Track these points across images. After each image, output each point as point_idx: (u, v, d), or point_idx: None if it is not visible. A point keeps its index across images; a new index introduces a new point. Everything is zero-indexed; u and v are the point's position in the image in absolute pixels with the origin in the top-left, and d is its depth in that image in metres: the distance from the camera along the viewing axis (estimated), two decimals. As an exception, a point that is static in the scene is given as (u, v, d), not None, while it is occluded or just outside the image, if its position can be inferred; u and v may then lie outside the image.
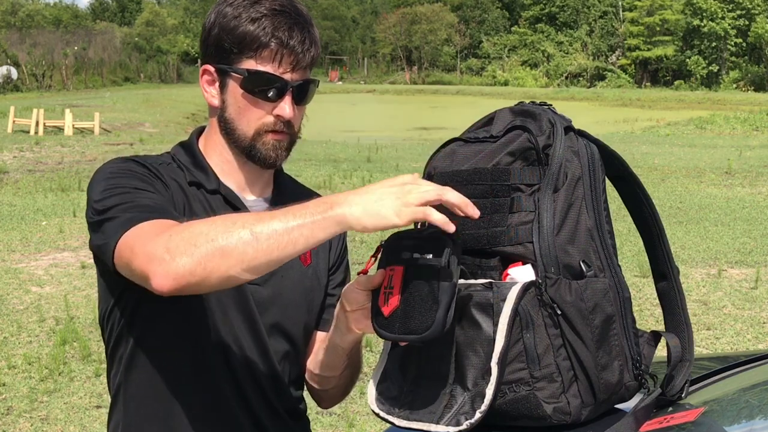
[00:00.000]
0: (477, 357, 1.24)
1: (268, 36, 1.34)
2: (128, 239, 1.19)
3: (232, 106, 1.39)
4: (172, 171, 1.42)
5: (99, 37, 52.68)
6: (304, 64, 1.38)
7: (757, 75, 48.82)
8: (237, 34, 1.35)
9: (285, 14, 1.35)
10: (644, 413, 1.30)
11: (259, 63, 1.35)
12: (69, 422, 4.16)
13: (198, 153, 1.47)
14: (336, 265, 1.59)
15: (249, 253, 1.11)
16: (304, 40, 1.36)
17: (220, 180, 1.44)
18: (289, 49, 1.35)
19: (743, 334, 5.54)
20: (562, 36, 56.78)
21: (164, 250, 1.12)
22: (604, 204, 1.34)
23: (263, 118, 1.38)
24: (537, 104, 1.39)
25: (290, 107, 1.38)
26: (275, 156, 1.41)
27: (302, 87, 1.39)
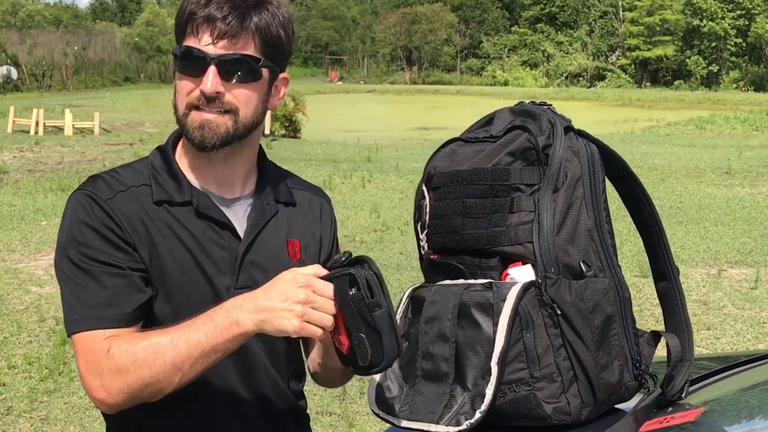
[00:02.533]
0: (477, 357, 1.24)
1: (191, 7, 1.32)
2: (76, 345, 1.31)
3: (175, 90, 1.38)
4: (137, 196, 1.38)
5: (99, 37, 52.67)
6: (222, 33, 1.31)
7: (757, 75, 48.81)
8: (177, 15, 1.36)
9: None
10: (644, 413, 1.30)
11: (187, 40, 1.34)
12: (69, 422, 4.16)
13: (172, 158, 1.43)
14: (330, 253, 1.57)
15: (175, 378, 1.26)
16: (222, 7, 1.30)
17: (194, 186, 1.41)
18: (205, 19, 1.31)
19: (743, 334, 5.54)
20: (562, 36, 56.76)
21: (99, 386, 1.27)
22: (604, 204, 1.34)
23: (190, 94, 1.34)
24: (537, 104, 1.39)
25: (213, 81, 1.31)
26: (201, 135, 1.34)
27: (230, 62, 1.32)
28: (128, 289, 1.32)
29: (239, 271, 1.40)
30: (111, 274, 1.32)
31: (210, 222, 1.39)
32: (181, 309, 1.35)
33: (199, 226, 1.39)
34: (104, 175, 1.41)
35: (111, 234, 1.33)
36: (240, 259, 1.40)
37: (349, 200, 10.64)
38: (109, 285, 1.32)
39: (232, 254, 1.40)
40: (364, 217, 9.56)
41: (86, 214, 1.35)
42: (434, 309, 1.31)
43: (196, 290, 1.37)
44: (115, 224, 1.34)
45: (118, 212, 1.35)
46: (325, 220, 1.56)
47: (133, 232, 1.35)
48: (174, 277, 1.37)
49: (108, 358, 1.26)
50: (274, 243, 1.45)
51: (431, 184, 1.41)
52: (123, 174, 1.41)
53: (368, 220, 9.36)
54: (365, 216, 9.60)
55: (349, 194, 11.14)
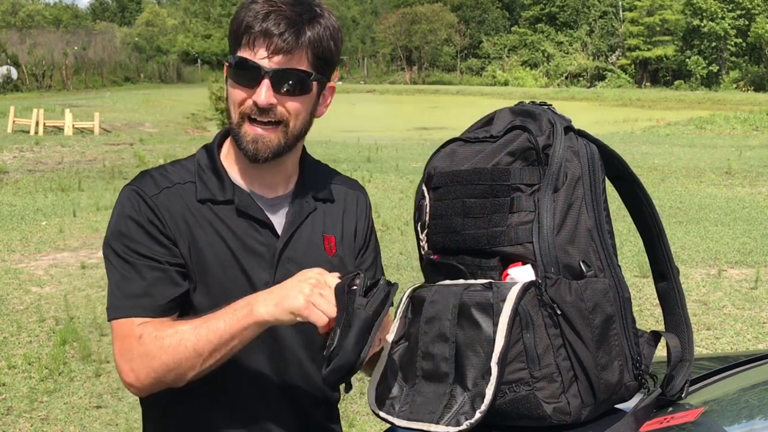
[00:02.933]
0: (477, 357, 1.24)
1: (249, 20, 1.36)
2: (113, 330, 1.41)
3: (228, 95, 1.43)
4: (182, 193, 1.45)
5: (99, 37, 52.66)
6: (279, 49, 1.35)
7: (757, 75, 48.80)
8: (232, 26, 1.40)
9: (275, 5, 1.36)
10: (644, 413, 1.30)
11: (243, 50, 1.38)
12: (69, 422, 4.16)
13: (216, 157, 1.50)
14: (363, 247, 1.62)
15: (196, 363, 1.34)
16: (279, 23, 1.35)
17: (236, 186, 1.47)
18: (262, 33, 1.35)
19: (743, 334, 5.54)
20: (562, 36, 56.76)
21: (129, 370, 1.36)
22: (604, 204, 1.34)
23: (243, 103, 1.40)
24: (537, 104, 1.39)
25: (266, 93, 1.36)
26: (254, 149, 1.41)
27: (283, 74, 1.37)
28: (164, 282, 1.40)
29: (277, 266, 1.46)
30: (150, 267, 1.40)
31: (250, 220, 1.46)
32: (219, 302, 1.41)
33: (240, 223, 1.46)
34: (153, 171, 1.49)
35: (153, 229, 1.41)
36: (278, 255, 1.47)
37: (349, 200, 10.63)
38: (147, 277, 1.40)
39: (270, 251, 1.47)
40: (364, 217, 9.56)
41: (132, 209, 1.43)
42: (434, 309, 1.31)
43: (234, 285, 1.43)
44: (158, 220, 1.42)
45: (162, 208, 1.43)
46: (360, 212, 1.63)
47: (175, 227, 1.43)
48: (213, 271, 1.44)
49: (139, 344, 1.35)
50: (311, 239, 1.52)
51: (431, 184, 1.41)
52: (170, 171, 1.49)
53: (368, 220, 9.35)
54: (365, 216, 9.59)
55: (349, 194, 11.13)
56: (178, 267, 1.42)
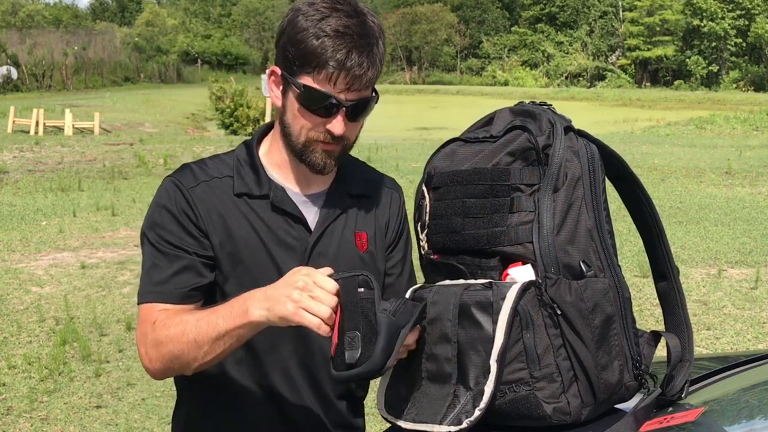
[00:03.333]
0: (478, 356, 1.24)
1: (327, 57, 1.37)
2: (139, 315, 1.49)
3: (289, 112, 1.46)
4: (219, 186, 1.51)
5: (99, 37, 52.65)
6: (360, 86, 1.41)
7: (757, 75, 48.80)
8: (300, 48, 1.39)
9: (348, 36, 1.38)
10: (644, 413, 1.30)
11: (316, 81, 1.40)
12: (69, 422, 4.16)
13: (255, 153, 1.55)
14: (394, 243, 1.65)
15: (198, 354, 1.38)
16: (363, 63, 1.38)
17: (272, 181, 1.52)
18: (345, 70, 1.38)
19: (743, 334, 5.54)
20: (562, 36, 56.76)
21: (144, 354, 1.44)
22: (604, 204, 1.34)
23: (315, 129, 1.44)
24: (537, 104, 1.39)
25: (341, 125, 1.43)
26: (323, 165, 1.47)
27: (357, 105, 1.43)
28: (189, 271, 1.46)
29: (308, 261, 1.50)
30: (177, 256, 1.46)
31: (284, 215, 1.51)
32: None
33: (274, 218, 1.51)
34: (192, 165, 1.54)
35: (186, 219, 1.47)
36: (309, 249, 1.51)
37: (349, 200, 10.64)
38: (174, 265, 1.46)
39: (303, 245, 1.51)
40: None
41: (168, 200, 1.49)
42: (435, 310, 1.31)
43: (265, 277, 1.45)
44: (192, 211, 1.48)
45: (198, 200, 1.48)
46: (393, 210, 1.66)
47: (209, 219, 1.48)
48: (246, 263, 1.49)
49: (152, 329, 1.42)
50: (344, 236, 1.55)
51: (431, 184, 1.41)
52: (210, 165, 1.54)
53: (368, 220, 9.36)
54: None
55: (349, 194, 11.13)
56: (206, 259, 1.47)
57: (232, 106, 19.97)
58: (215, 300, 1.48)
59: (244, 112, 19.82)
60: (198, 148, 16.19)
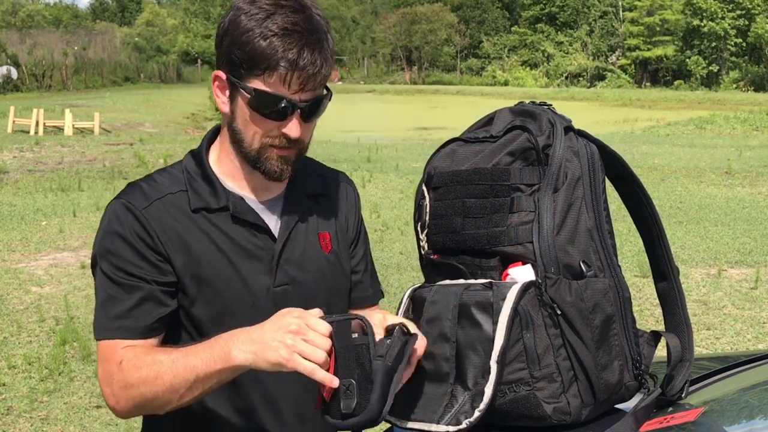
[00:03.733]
0: (477, 356, 1.24)
1: (278, 57, 1.30)
2: (98, 351, 1.40)
3: (240, 118, 1.38)
4: (174, 203, 1.41)
5: (99, 37, 52.63)
6: (315, 85, 1.34)
7: (757, 75, 48.80)
8: (247, 50, 1.32)
9: (296, 33, 1.31)
10: (644, 413, 1.30)
11: (268, 84, 1.32)
12: (69, 422, 4.16)
13: (206, 163, 1.46)
14: (355, 239, 1.61)
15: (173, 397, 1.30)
16: (316, 61, 1.32)
17: (229, 191, 1.44)
18: (299, 70, 1.31)
19: (743, 334, 5.54)
20: (562, 36, 56.75)
21: (110, 395, 1.35)
22: (604, 204, 1.34)
23: (269, 133, 1.37)
24: (537, 104, 1.39)
25: (298, 127, 1.36)
26: (279, 171, 1.40)
27: (312, 105, 1.37)
28: (150, 302, 1.37)
29: (276, 270, 1.44)
30: (136, 286, 1.37)
31: (247, 226, 1.43)
32: (219, 313, 1.40)
33: (236, 230, 1.42)
34: (141, 182, 1.44)
35: (141, 245, 1.37)
36: (276, 258, 1.44)
37: (349, 200, 10.64)
38: (132, 297, 1.37)
39: (269, 254, 1.44)
40: (364, 217, 9.56)
41: (119, 224, 1.39)
42: (435, 309, 1.31)
43: (234, 295, 1.41)
44: (148, 234, 1.38)
45: (153, 221, 1.38)
46: (350, 206, 1.61)
47: (167, 240, 1.38)
48: (212, 282, 1.40)
49: (119, 370, 1.33)
50: (307, 238, 1.49)
51: (431, 184, 1.41)
52: (159, 181, 1.44)
53: (368, 220, 9.37)
54: (365, 216, 9.58)
55: (349, 194, 11.13)
56: (166, 286, 1.38)
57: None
58: (181, 325, 1.41)
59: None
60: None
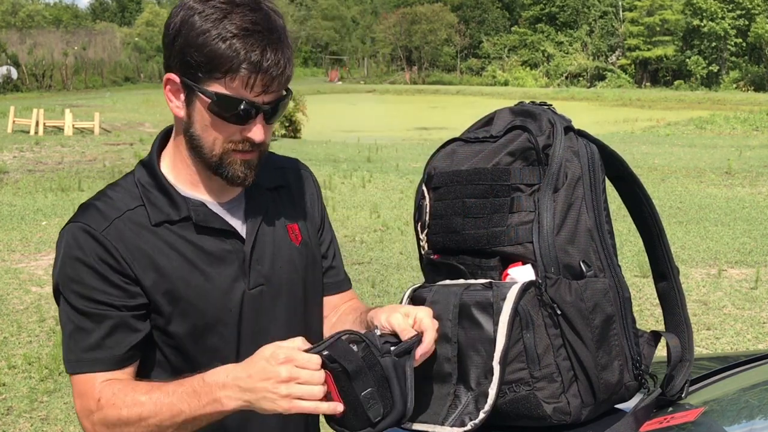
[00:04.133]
0: (479, 356, 1.24)
1: (240, 60, 1.23)
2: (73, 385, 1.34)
3: (198, 123, 1.31)
4: (134, 219, 1.34)
5: (99, 37, 52.62)
6: (278, 86, 1.29)
7: (757, 75, 48.79)
8: (204, 52, 1.24)
9: (257, 33, 1.24)
10: (644, 413, 1.30)
11: (229, 87, 1.26)
12: (69, 422, 4.16)
13: (159, 173, 1.38)
14: (321, 227, 1.57)
15: None
16: (279, 61, 1.26)
17: (187, 198, 1.37)
18: (262, 72, 1.25)
19: (743, 334, 5.54)
20: (562, 36, 56.74)
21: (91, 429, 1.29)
22: (604, 204, 1.34)
23: (231, 138, 1.31)
24: (537, 104, 1.39)
25: (261, 131, 1.30)
26: (243, 177, 1.34)
27: (275, 107, 1.31)
28: (121, 329, 1.31)
29: (249, 272, 1.39)
30: (104, 314, 1.31)
31: (212, 233, 1.37)
32: (197, 327, 1.36)
33: (202, 239, 1.36)
34: (96, 202, 1.36)
35: (106, 269, 1.30)
36: (248, 261, 1.39)
37: (349, 200, 10.64)
38: (102, 326, 1.31)
39: (240, 256, 1.38)
40: (364, 217, 9.56)
41: (79, 250, 1.31)
42: (435, 309, 1.31)
43: (210, 305, 1.36)
44: (111, 257, 1.30)
45: (115, 242, 1.31)
46: (311, 192, 1.55)
47: (132, 259, 1.31)
48: (185, 296, 1.34)
49: (98, 407, 1.28)
50: (276, 233, 1.44)
51: (431, 184, 1.41)
52: (114, 197, 1.36)
53: (368, 220, 9.36)
54: (365, 216, 9.60)
55: (349, 194, 11.14)
56: (137, 310, 1.32)
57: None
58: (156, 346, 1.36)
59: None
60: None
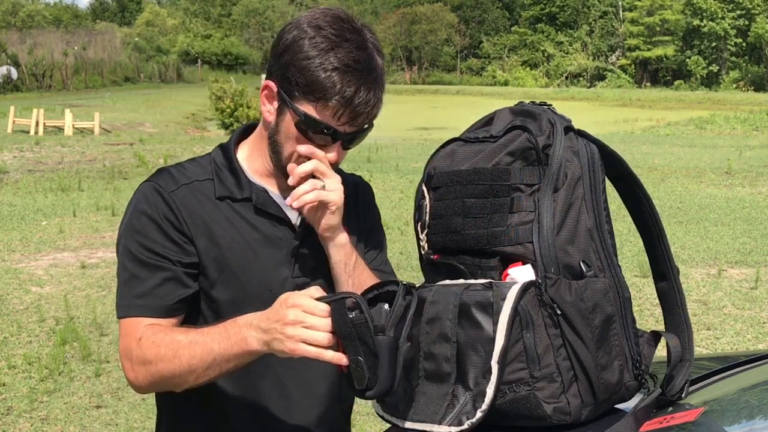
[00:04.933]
0: (478, 356, 1.24)
1: (335, 92, 1.35)
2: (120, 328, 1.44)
3: (282, 133, 1.43)
4: (201, 189, 1.46)
5: (99, 37, 52.61)
6: (363, 121, 1.41)
7: (757, 75, 48.81)
8: (306, 75, 1.36)
9: (356, 72, 1.35)
10: (644, 413, 1.30)
11: (319, 112, 1.37)
12: (69, 422, 4.16)
13: (234, 158, 1.51)
14: (367, 229, 1.63)
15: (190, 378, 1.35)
16: (369, 101, 1.37)
17: (253, 183, 1.49)
18: (351, 107, 1.36)
19: (743, 334, 5.54)
20: (562, 36, 56.77)
21: (130, 369, 1.39)
22: (604, 204, 1.34)
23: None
24: (537, 104, 1.39)
25: (336, 155, 1.42)
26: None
27: (355, 137, 1.43)
28: (173, 282, 1.42)
29: (295, 262, 1.49)
30: (160, 266, 1.41)
31: (268, 217, 1.48)
32: (238, 298, 1.44)
33: (259, 221, 1.47)
34: (171, 168, 1.49)
35: (168, 225, 1.42)
36: (294, 251, 1.49)
37: (349, 200, 10.64)
38: (156, 276, 1.41)
39: (288, 245, 1.49)
40: (364, 217, 9.56)
41: (148, 205, 1.43)
42: (435, 309, 1.31)
43: (253, 282, 1.45)
44: (174, 216, 1.42)
45: (180, 204, 1.43)
46: (365, 204, 1.65)
47: (192, 223, 1.43)
48: (233, 268, 1.45)
49: (138, 346, 1.37)
50: None
51: (431, 184, 1.41)
52: (188, 168, 1.49)
53: (368, 220, 9.36)
54: (365, 216, 9.60)
55: (349, 194, 11.13)
56: (189, 268, 1.43)
57: (232, 106, 19.97)
58: (199, 309, 1.46)
59: (244, 112, 19.81)
60: (198, 148, 16.19)
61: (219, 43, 61.45)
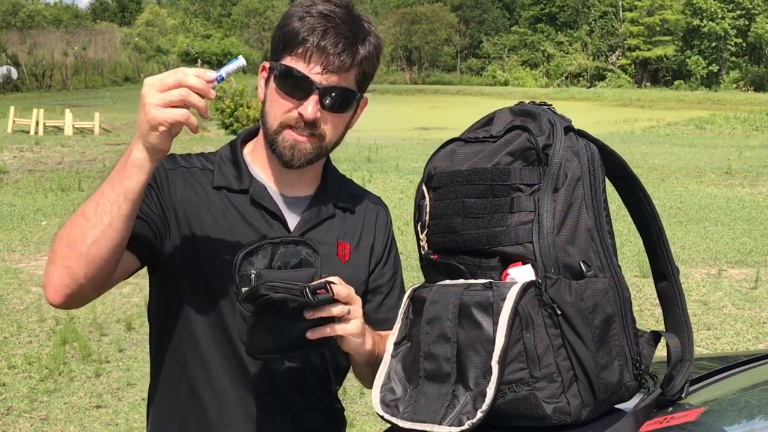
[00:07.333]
0: (478, 356, 1.24)
1: (304, 34, 1.37)
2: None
3: (268, 99, 1.44)
4: (197, 177, 1.49)
5: (99, 37, 52.61)
6: (334, 68, 1.38)
7: (757, 75, 48.81)
8: (284, 30, 1.40)
9: (329, 18, 1.38)
10: (644, 413, 1.30)
11: (293, 60, 1.39)
12: (69, 422, 4.16)
13: (238, 151, 1.53)
14: (381, 262, 1.62)
15: (86, 233, 1.26)
16: (338, 43, 1.37)
17: (253, 177, 1.50)
18: (319, 49, 1.36)
19: (743, 334, 5.54)
20: (562, 36, 56.77)
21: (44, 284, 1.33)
22: (604, 204, 1.34)
23: (288, 113, 1.41)
24: (537, 104, 1.39)
25: (313, 108, 1.38)
26: (291, 155, 1.42)
27: (331, 92, 1.39)
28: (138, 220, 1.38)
29: None
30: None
31: (263, 211, 1.47)
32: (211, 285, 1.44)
33: (252, 213, 1.47)
34: (177, 154, 1.52)
35: (157, 189, 1.44)
36: None
37: (349, 200, 10.64)
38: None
39: None
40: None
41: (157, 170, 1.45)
42: (435, 309, 1.30)
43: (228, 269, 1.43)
44: (164, 187, 1.45)
45: (172, 182, 1.46)
46: (380, 227, 1.62)
47: (173, 202, 1.45)
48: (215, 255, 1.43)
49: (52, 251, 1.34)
50: (324, 242, 1.51)
51: (431, 184, 1.41)
52: (193, 157, 1.54)
53: (368, 220, 9.36)
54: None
55: (349, 194, 11.14)
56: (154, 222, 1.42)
57: (232, 106, 19.98)
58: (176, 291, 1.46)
59: (244, 112, 19.83)
60: (198, 148, 16.16)
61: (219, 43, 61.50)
